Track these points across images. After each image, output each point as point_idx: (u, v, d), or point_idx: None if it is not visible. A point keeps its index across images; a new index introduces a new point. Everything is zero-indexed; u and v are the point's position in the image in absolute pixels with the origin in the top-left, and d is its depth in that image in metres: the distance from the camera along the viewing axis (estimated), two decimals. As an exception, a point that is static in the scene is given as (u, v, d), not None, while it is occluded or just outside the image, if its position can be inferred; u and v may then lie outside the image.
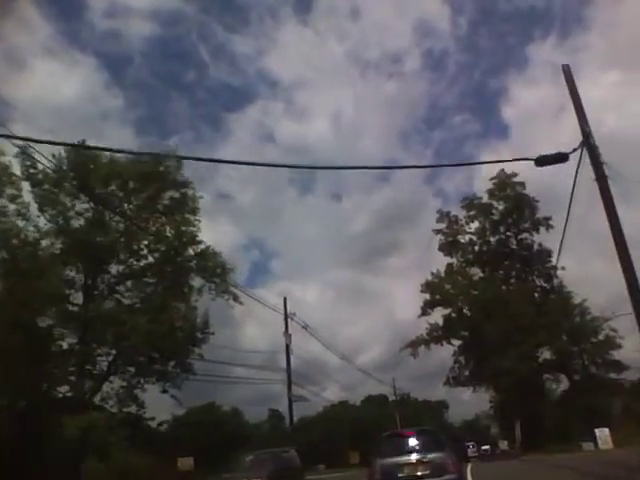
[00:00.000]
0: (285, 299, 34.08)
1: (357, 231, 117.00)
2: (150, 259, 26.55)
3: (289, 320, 33.25)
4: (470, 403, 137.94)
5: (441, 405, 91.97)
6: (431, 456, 10.36)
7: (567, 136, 33.36)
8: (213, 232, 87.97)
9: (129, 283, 27.01)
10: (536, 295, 42.19)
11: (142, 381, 26.40)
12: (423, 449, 10.66)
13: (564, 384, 42.55)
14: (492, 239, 44.62)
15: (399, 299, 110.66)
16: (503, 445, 77.32)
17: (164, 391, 27.23)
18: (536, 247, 43.27)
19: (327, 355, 64.75)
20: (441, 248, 44.60)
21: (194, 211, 26.55)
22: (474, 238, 44.74)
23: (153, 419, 40.12)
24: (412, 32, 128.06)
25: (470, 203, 44.38)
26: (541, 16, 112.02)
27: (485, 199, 44.06)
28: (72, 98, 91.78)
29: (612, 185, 11.80)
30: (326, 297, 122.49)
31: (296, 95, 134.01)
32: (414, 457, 10.44)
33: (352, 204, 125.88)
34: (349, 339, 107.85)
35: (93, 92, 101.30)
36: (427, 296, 41.52)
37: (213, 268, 26.51)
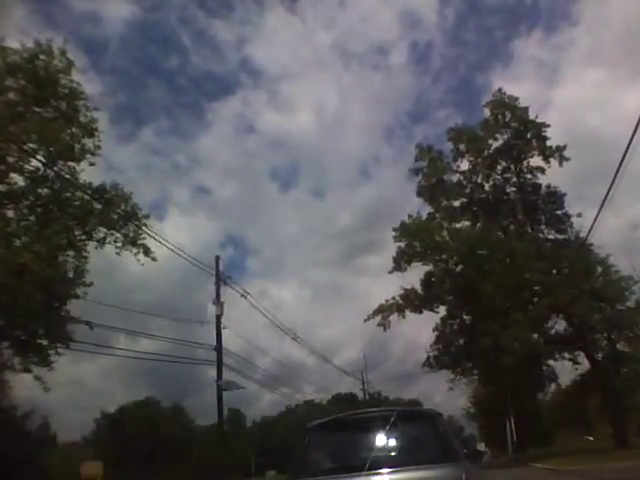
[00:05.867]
0: (217, 257, 26.08)
1: (340, 228, 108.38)
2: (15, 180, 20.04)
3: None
4: (441, 404, 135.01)
5: (414, 404, 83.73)
6: (426, 474, 3.99)
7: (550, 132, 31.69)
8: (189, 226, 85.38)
9: None
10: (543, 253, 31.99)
11: None
12: (405, 457, 4.26)
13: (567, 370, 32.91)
14: (486, 182, 34.70)
15: (380, 299, 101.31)
16: (480, 447, 70.51)
17: (26, 370, 20.62)
18: (544, 190, 33.49)
19: (304, 356, 55.73)
20: (420, 192, 34.35)
21: (88, 131, 20.57)
22: (463, 181, 34.73)
23: (15, 408, 30.36)
24: (399, 23, 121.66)
25: (458, 133, 34.18)
26: (528, 10, 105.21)
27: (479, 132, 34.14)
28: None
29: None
30: (304, 296, 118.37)
31: (280, 85, 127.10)
32: (382, 477, 4.01)
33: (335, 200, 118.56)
34: (326, 339, 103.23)
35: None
36: (402, 245, 30.87)
37: (117, 211, 20.90)
